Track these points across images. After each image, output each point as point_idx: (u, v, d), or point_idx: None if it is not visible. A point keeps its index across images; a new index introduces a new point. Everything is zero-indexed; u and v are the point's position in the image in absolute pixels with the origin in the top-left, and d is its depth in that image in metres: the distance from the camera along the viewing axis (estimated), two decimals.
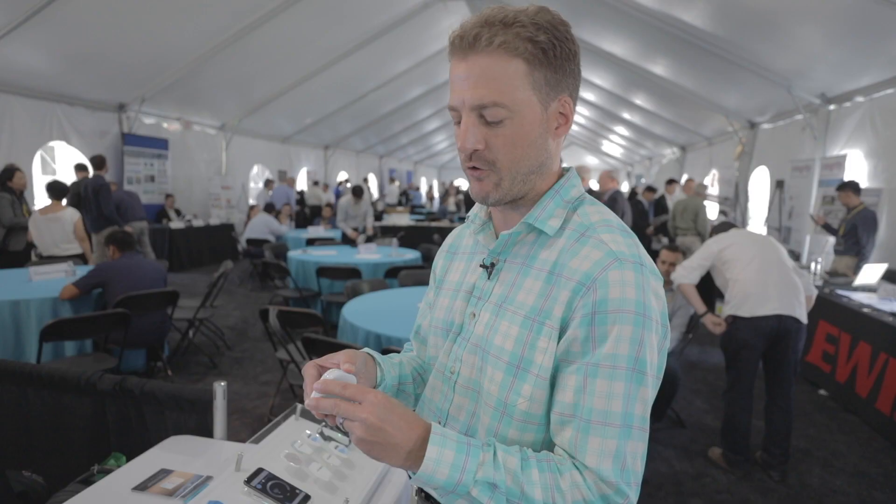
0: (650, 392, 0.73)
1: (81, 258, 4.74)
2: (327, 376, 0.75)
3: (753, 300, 2.79)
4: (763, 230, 7.81)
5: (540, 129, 0.76)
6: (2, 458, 1.90)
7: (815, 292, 3.04)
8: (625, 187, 17.65)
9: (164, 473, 1.41)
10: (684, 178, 10.35)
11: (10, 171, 4.96)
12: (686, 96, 8.27)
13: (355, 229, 7.09)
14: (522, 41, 0.71)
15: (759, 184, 8.54)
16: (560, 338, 0.74)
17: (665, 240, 7.93)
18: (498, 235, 0.85)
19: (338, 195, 13.03)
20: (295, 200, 11.06)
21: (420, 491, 0.88)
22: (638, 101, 10.30)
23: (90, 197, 5.86)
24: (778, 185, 7.37)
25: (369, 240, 6.93)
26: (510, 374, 0.76)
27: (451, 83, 0.77)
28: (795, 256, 6.51)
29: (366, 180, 16.04)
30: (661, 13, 6.01)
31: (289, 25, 7.10)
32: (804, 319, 2.83)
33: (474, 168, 0.77)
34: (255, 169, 12.27)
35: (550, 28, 0.73)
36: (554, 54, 0.73)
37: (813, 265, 5.07)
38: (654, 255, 3.63)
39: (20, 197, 5.15)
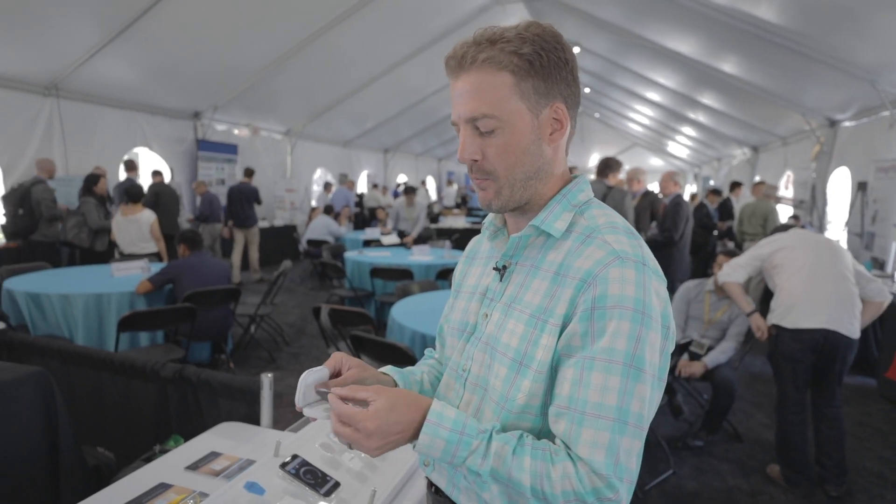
0: (649, 391, 0.73)
1: (157, 256, 5.11)
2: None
3: (798, 311, 2.63)
4: (843, 236, 7.27)
5: (532, 137, 0.80)
6: (80, 435, 2.10)
7: (887, 298, 2.78)
8: (693, 189, 16.93)
9: (213, 456, 1.52)
10: (756, 179, 9.78)
11: (95, 177, 5.43)
12: (758, 94, 7.83)
13: (401, 233, 7.18)
14: (507, 55, 0.76)
15: (839, 186, 7.95)
16: (561, 333, 0.76)
17: (731, 244, 7.54)
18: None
19: (396, 197, 13.29)
20: (354, 203, 11.39)
21: (431, 485, 0.92)
22: (706, 101, 9.84)
23: (252, 200, 7.68)
24: (860, 188, 6.83)
25: (422, 241, 7.01)
26: (513, 370, 0.79)
27: (451, 101, 0.82)
28: (880, 264, 6.02)
29: (423, 183, 16.26)
30: (730, 9, 5.73)
31: (351, 33, 7.34)
32: (855, 335, 2.62)
33: (478, 179, 0.83)
34: (318, 172, 12.73)
35: (537, 40, 0.77)
36: (541, 64, 0.77)
37: None
38: None
39: (103, 201, 5.63)
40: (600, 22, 7.78)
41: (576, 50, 9.88)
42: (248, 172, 7.99)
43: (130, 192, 5.06)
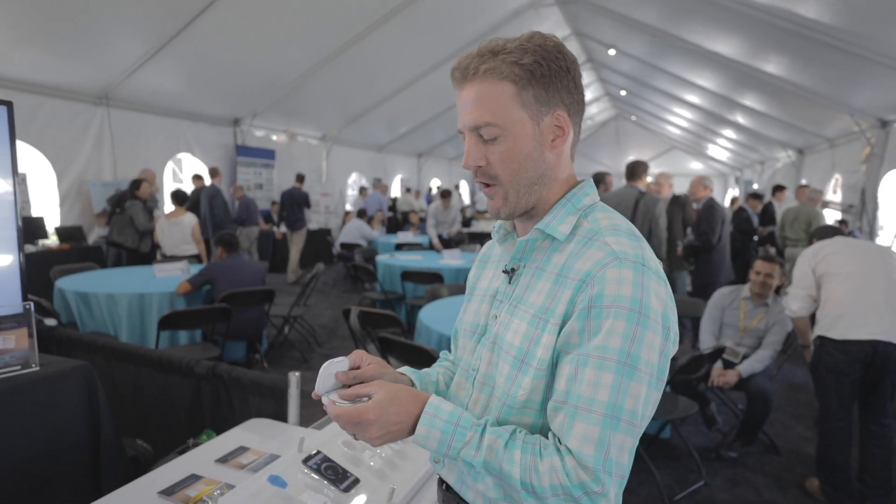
0: (645, 389, 0.74)
1: (197, 258, 5.31)
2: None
3: (846, 322, 2.50)
4: (895, 243, 6.93)
5: (534, 144, 0.82)
6: (121, 428, 2.21)
7: None
8: (735, 192, 16.43)
9: (242, 450, 1.58)
10: (802, 182, 9.42)
11: (138, 182, 5.70)
12: (803, 95, 7.54)
13: (440, 236, 7.22)
14: (508, 65, 0.79)
15: (892, 190, 7.58)
16: (560, 332, 0.78)
17: (773, 250, 7.27)
18: None
19: (429, 202, 13.38)
20: (387, 207, 11.53)
21: (442, 482, 0.94)
22: (747, 102, 9.55)
23: (303, 204, 8.06)
24: None
25: (451, 244, 7.05)
26: (515, 368, 0.82)
27: (458, 110, 0.85)
28: None
29: (457, 187, 16.31)
30: (772, 7, 5.56)
31: (385, 39, 7.47)
32: None
33: (485, 185, 0.85)
34: (353, 176, 12.94)
35: (539, 50, 0.79)
36: (541, 73, 0.79)
37: None
38: None
39: (146, 205, 5.90)
40: (637, 23, 7.66)
41: (611, 52, 9.81)
42: (300, 178, 8.39)
43: (175, 196, 5.28)
